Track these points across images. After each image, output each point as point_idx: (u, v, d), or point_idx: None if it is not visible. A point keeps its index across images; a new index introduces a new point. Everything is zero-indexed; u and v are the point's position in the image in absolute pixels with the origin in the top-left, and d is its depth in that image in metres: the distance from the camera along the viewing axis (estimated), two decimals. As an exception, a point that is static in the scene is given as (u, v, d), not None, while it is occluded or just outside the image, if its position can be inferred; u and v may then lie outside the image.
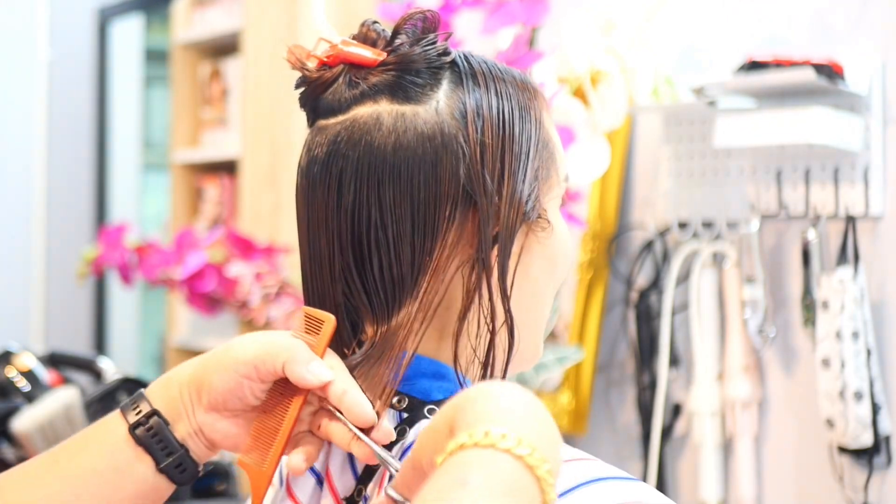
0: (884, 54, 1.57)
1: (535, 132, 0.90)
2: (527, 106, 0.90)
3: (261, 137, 2.55)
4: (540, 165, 0.90)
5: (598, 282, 1.90)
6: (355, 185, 0.86)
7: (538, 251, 0.91)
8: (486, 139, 0.87)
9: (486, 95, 0.88)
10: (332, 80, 0.89)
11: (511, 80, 0.91)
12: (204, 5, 2.89)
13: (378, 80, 0.87)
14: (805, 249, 1.61)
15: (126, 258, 2.35)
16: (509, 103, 0.89)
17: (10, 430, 1.91)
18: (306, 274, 0.91)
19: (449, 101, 0.87)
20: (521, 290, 0.89)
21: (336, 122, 0.88)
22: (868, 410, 1.52)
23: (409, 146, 0.86)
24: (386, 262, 0.86)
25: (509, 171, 0.87)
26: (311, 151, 0.89)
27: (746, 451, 1.71)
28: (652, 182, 1.87)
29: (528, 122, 0.90)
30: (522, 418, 0.70)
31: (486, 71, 0.90)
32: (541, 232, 0.90)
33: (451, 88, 0.88)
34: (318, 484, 0.91)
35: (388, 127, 0.86)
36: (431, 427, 0.73)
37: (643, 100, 1.66)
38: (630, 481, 0.81)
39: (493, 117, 0.88)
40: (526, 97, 0.91)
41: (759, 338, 1.69)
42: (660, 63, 1.67)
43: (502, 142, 0.88)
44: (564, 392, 1.90)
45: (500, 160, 0.87)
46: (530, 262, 0.90)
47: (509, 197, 0.87)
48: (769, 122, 1.58)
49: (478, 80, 0.89)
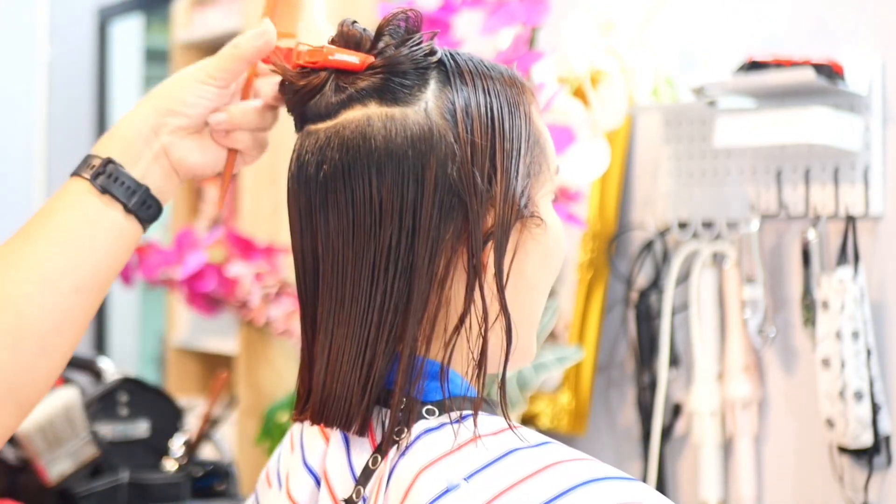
0: (884, 54, 1.57)
1: (525, 128, 0.90)
2: (515, 102, 0.90)
3: (261, 137, 2.54)
4: (532, 161, 0.90)
5: (598, 282, 1.89)
6: (346, 189, 0.86)
7: (532, 247, 0.90)
8: (476, 138, 0.86)
9: (474, 94, 0.88)
10: (320, 87, 0.89)
11: (499, 77, 0.91)
12: (204, 5, 2.88)
13: (366, 84, 0.87)
14: (805, 249, 1.61)
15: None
16: (498, 100, 0.89)
17: (9, 431, 1.91)
18: (299, 277, 0.91)
19: (437, 102, 0.87)
20: (515, 287, 0.89)
21: (325, 127, 0.88)
22: (868, 410, 1.52)
23: (399, 148, 0.85)
24: (381, 265, 0.86)
25: (502, 168, 0.87)
26: (301, 157, 0.89)
27: (746, 451, 1.71)
28: (652, 182, 1.87)
29: (517, 118, 0.90)
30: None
31: (472, 69, 0.90)
32: (535, 228, 0.90)
33: (438, 88, 0.88)
34: (315, 484, 0.91)
35: (378, 130, 0.86)
36: None
37: (643, 100, 1.66)
38: (629, 481, 0.81)
39: (482, 115, 0.87)
40: (514, 93, 0.91)
41: (759, 338, 1.69)
42: (660, 63, 1.67)
43: (492, 140, 0.87)
44: (564, 392, 1.90)
45: (490, 158, 0.87)
46: (524, 259, 0.90)
47: (503, 194, 0.87)
48: (769, 122, 1.58)
49: (465, 79, 0.89)
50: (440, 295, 0.86)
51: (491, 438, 0.85)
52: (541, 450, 0.84)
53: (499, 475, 0.81)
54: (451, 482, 0.82)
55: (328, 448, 0.90)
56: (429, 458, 0.84)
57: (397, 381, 0.86)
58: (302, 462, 0.92)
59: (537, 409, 1.91)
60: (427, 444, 0.85)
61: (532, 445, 0.84)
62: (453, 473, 0.82)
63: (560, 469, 0.81)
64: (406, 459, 0.85)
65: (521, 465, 0.82)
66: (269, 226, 2.43)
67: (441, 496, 0.81)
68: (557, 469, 0.81)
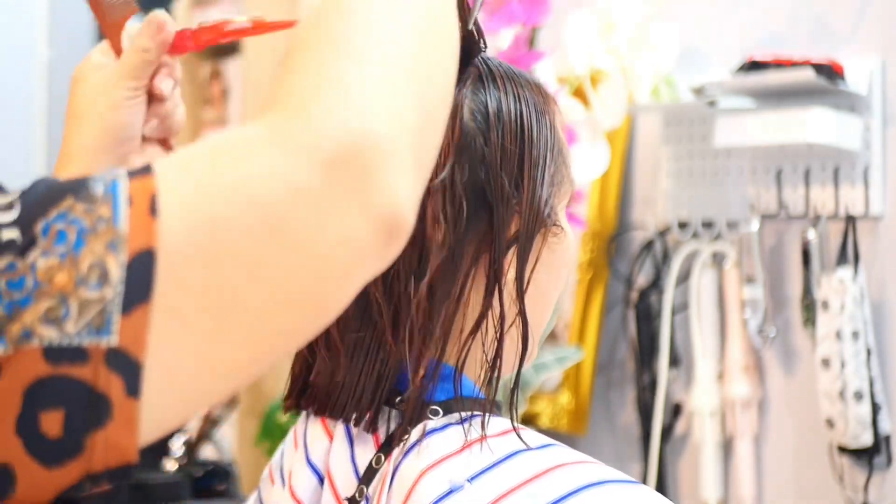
0: (884, 54, 1.57)
1: (550, 137, 0.90)
2: (542, 110, 0.90)
3: (261, 137, 2.54)
4: (556, 170, 0.90)
5: (598, 282, 1.89)
6: None
7: (546, 256, 0.90)
8: (507, 143, 0.86)
9: (505, 98, 0.88)
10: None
11: (527, 84, 0.90)
12: (204, 5, 2.88)
13: None
14: (805, 249, 1.61)
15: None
16: (527, 107, 0.89)
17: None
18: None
19: (469, 104, 0.87)
20: (528, 294, 0.89)
21: None
22: (868, 410, 1.52)
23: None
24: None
25: (529, 175, 0.87)
26: None
27: (746, 451, 1.71)
28: (652, 182, 1.87)
29: (544, 126, 0.89)
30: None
31: (504, 73, 0.89)
32: (552, 237, 0.90)
33: (472, 90, 0.87)
34: (319, 482, 0.91)
35: None
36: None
37: (643, 100, 1.66)
38: (631, 485, 0.81)
39: (512, 121, 0.87)
40: (541, 101, 0.90)
41: (759, 338, 1.69)
42: (660, 63, 1.67)
43: (521, 146, 0.87)
44: (564, 392, 1.90)
45: (519, 165, 0.87)
46: (539, 267, 0.90)
47: (528, 201, 0.87)
48: (769, 122, 1.58)
49: (497, 83, 0.88)
50: (459, 298, 0.86)
51: (495, 440, 0.85)
52: (544, 452, 0.84)
53: (502, 477, 0.81)
54: (455, 483, 0.82)
55: (332, 446, 0.90)
56: (433, 459, 0.84)
57: (411, 381, 0.86)
58: (305, 459, 0.92)
59: (537, 409, 1.91)
60: (431, 445, 0.85)
61: (536, 448, 0.84)
62: (457, 474, 0.82)
63: (564, 472, 0.81)
64: (410, 459, 0.85)
65: (525, 468, 0.82)
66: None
67: (444, 497, 0.82)
68: (561, 472, 0.81)
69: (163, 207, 0.57)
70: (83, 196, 0.57)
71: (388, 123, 0.61)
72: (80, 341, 0.55)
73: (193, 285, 0.57)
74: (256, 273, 0.58)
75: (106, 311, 0.55)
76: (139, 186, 0.58)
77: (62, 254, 0.55)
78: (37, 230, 0.56)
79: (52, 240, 0.55)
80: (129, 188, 0.57)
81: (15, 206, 0.57)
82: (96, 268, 0.56)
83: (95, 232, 0.56)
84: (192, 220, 0.57)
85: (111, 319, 0.55)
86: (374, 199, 0.59)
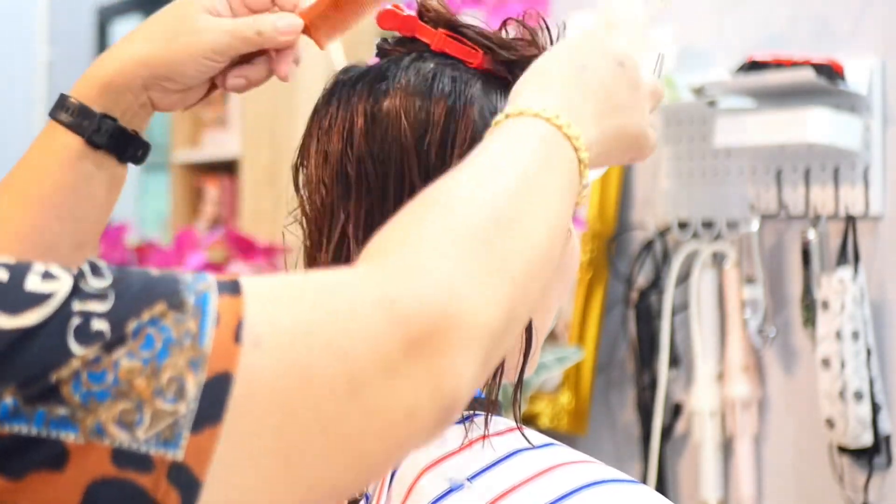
0: (884, 54, 1.58)
1: None
2: None
3: (260, 137, 2.54)
4: None
5: (598, 282, 1.90)
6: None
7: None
8: None
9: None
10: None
11: None
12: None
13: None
14: (805, 249, 1.61)
15: (126, 258, 2.35)
16: None
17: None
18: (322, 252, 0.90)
19: (479, 102, 0.87)
20: None
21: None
22: (868, 410, 1.52)
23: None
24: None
25: None
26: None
27: (746, 451, 1.71)
28: (652, 182, 1.87)
29: None
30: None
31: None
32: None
33: (482, 91, 0.88)
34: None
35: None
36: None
37: (643, 100, 1.65)
38: (632, 484, 0.81)
39: None
40: None
41: (759, 338, 1.69)
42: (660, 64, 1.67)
43: None
44: (564, 392, 1.90)
45: None
46: None
47: None
48: (769, 122, 1.58)
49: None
50: None
51: (495, 439, 0.85)
52: (545, 451, 0.84)
53: (502, 476, 0.81)
54: (455, 482, 0.82)
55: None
56: (432, 458, 0.84)
57: None
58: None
59: (537, 409, 1.91)
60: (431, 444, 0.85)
61: (536, 447, 0.84)
62: (456, 473, 0.82)
63: (564, 471, 0.81)
64: (409, 458, 0.85)
65: (525, 467, 0.82)
66: (269, 226, 2.43)
67: (444, 496, 0.82)
68: (561, 471, 0.81)
69: (251, 338, 0.58)
70: (175, 304, 0.58)
71: (477, 310, 0.63)
72: (147, 449, 0.56)
73: (268, 423, 0.58)
74: (329, 428, 0.59)
75: (177, 426, 0.56)
76: (228, 306, 0.58)
77: (146, 359, 0.56)
78: (128, 330, 0.57)
79: (139, 343, 0.56)
80: (217, 305, 0.58)
81: (109, 296, 0.58)
82: (175, 382, 0.57)
83: (181, 346, 0.57)
84: (283, 361, 0.59)
85: (181, 434, 0.56)
86: (443, 383, 0.61)
